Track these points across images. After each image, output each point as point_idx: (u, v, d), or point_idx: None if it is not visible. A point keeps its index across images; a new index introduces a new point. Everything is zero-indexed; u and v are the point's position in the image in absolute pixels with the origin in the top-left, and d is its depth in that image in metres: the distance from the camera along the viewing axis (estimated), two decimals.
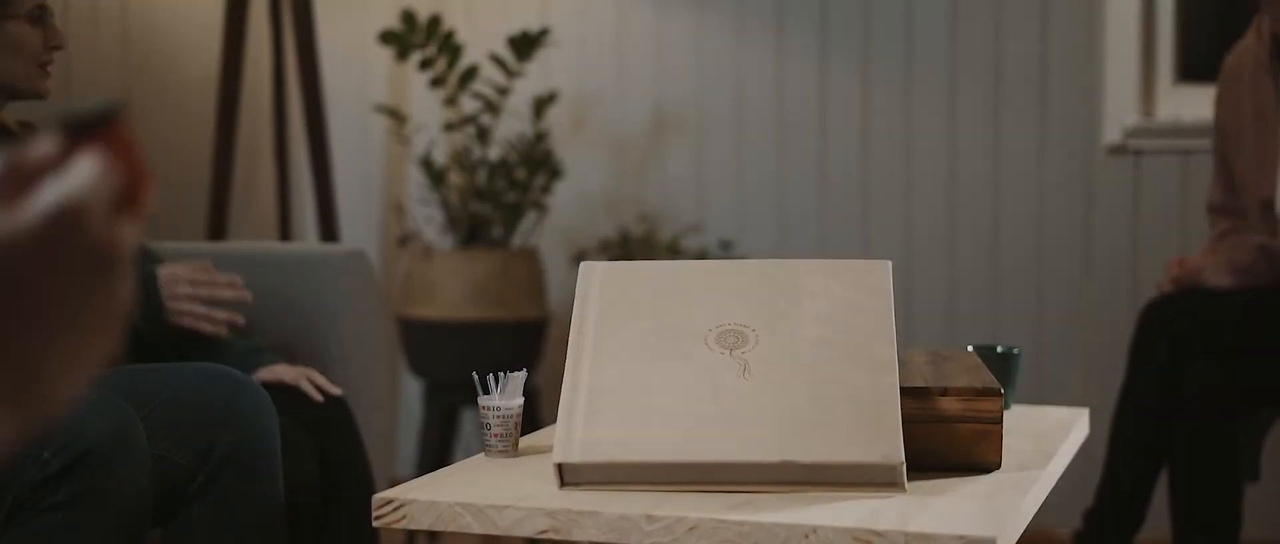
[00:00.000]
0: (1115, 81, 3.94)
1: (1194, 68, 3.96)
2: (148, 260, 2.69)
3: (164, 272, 2.57)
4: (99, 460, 1.89)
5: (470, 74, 4.12)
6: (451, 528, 1.74)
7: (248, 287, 2.93)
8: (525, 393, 2.04)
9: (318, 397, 2.58)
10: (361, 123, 4.65)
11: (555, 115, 4.37)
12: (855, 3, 4.17)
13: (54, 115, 1.13)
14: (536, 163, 4.15)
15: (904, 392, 1.88)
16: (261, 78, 4.22)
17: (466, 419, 4.45)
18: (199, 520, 2.10)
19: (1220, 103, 3.36)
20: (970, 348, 2.38)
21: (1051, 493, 2.05)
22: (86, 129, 0.95)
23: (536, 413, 4.11)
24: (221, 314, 2.58)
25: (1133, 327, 3.33)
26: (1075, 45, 3.97)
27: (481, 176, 4.17)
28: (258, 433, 2.13)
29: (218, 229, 3.85)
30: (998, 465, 1.92)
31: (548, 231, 4.42)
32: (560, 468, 1.78)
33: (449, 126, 4.22)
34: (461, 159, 4.19)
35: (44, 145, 0.90)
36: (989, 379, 1.97)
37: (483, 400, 2.00)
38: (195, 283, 2.57)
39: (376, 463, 2.84)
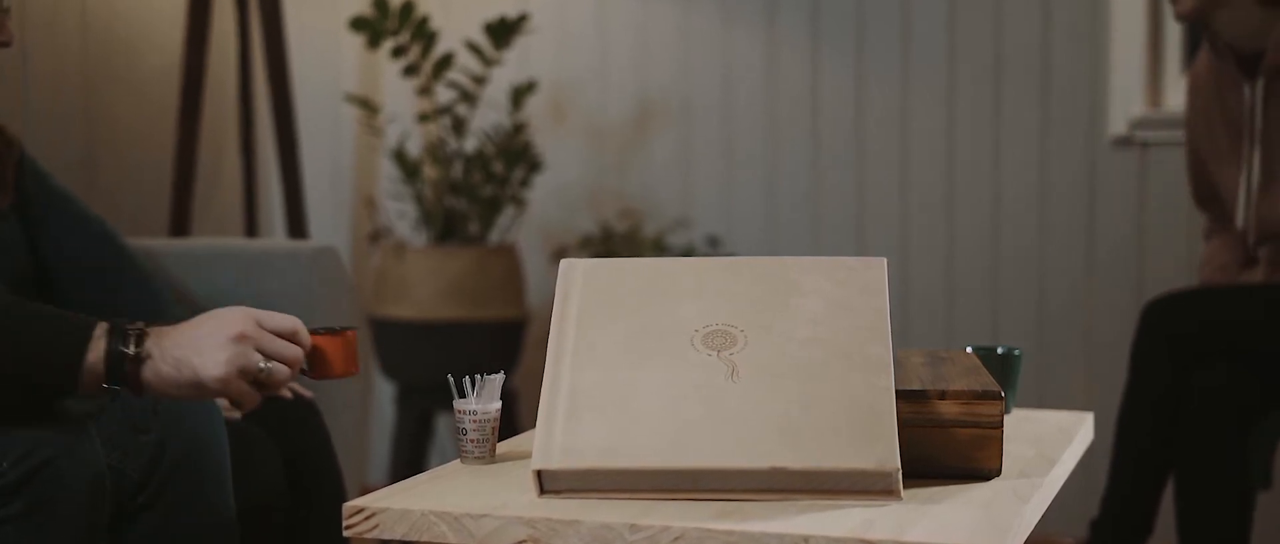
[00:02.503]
0: (1120, 70, 3.94)
1: None
2: (108, 282, 2.69)
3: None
4: (54, 473, 1.88)
5: (445, 62, 4.12)
6: (426, 538, 1.74)
7: (212, 285, 2.93)
8: (503, 396, 2.04)
9: (287, 393, 2.57)
10: (331, 113, 4.64)
11: (534, 105, 4.36)
12: None
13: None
14: (515, 155, 4.14)
15: (900, 395, 1.88)
16: (226, 66, 4.21)
17: (441, 424, 4.44)
18: (147, 533, 2.10)
19: (1190, 116, 3.42)
20: (969, 349, 2.38)
21: (1054, 501, 2.05)
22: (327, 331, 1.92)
23: (515, 417, 4.11)
24: None
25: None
26: (1079, 32, 3.98)
27: (457, 170, 4.17)
28: (206, 441, 2.12)
29: (181, 225, 3.84)
30: (998, 472, 1.92)
31: (526, 227, 4.41)
32: (539, 475, 1.78)
33: (423, 117, 4.22)
34: (436, 151, 4.19)
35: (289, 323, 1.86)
36: (989, 382, 1.97)
37: (458, 404, 1.99)
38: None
39: (347, 469, 2.83)
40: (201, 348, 1.83)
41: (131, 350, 1.83)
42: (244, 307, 1.87)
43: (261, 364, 1.83)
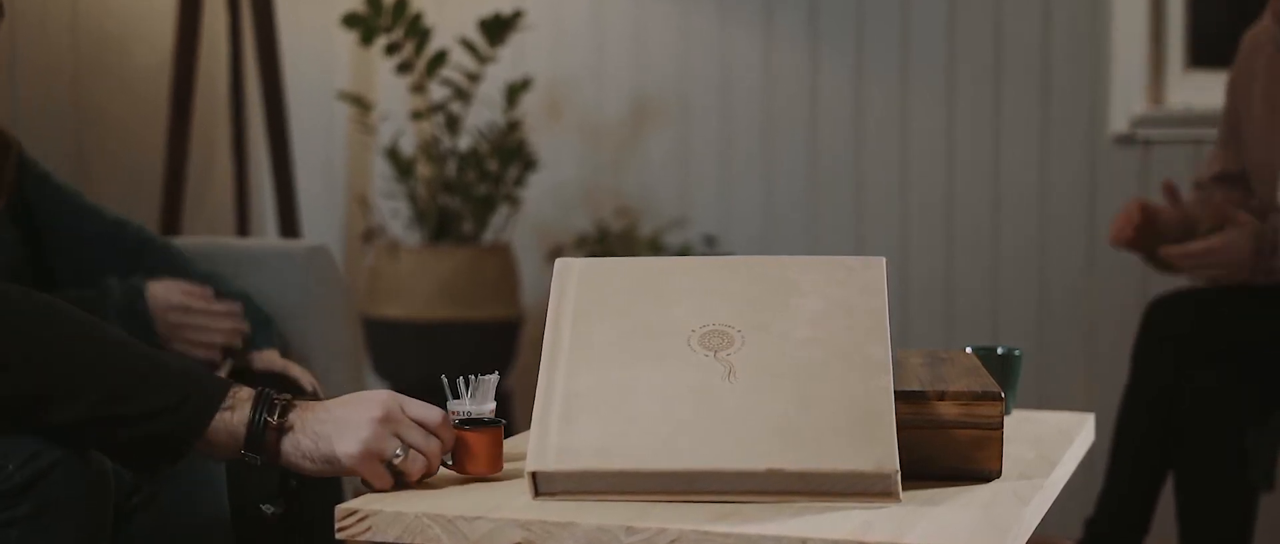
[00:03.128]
0: (1122, 66, 3.94)
1: (1206, 52, 3.97)
2: (142, 265, 2.69)
3: (155, 292, 2.58)
4: (62, 474, 1.88)
5: (439, 59, 4.11)
6: (419, 540, 1.74)
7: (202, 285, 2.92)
8: (497, 397, 2.03)
9: (308, 383, 2.59)
10: (324, 111, 4.63)
11: (529, 103, 4.36)
12: None
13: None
14: (509, 153, 4.14)
15: (899, 396, 1.88)
16: (218, 63, 4.21)
17: None
18: (141, 534, 2.10)
19: (1233, 83, 3.35)
20: (969, 349, 2.38)
21: (1055, 503, 2.05)
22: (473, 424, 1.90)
23: (510, 418, 4.11)
24: (217, 340, 2.61)
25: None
26: (1080, 28, 3.98)
27: (451, 168, 4.17)
28: None
29: (171, 223, 3.84)
30: (998, 474, 1.92)
31: (521, 226, 4.41)
32: (534, 477, 1.78)
33: (417, 115, 4.21)
34: (430, 149, 4.19)
35: (434, 415, 1.85)
36: (989, 382, 1.97)
37: (452, 405, 1.99)
38: (188, 311, 2.59)
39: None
40: (342, 426, 1.84)
41: (276, 420, 1.84)
42: (390, 391, 1.88)
43: (397, 451, 1.83)
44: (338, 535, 1.78)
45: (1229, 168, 3.36)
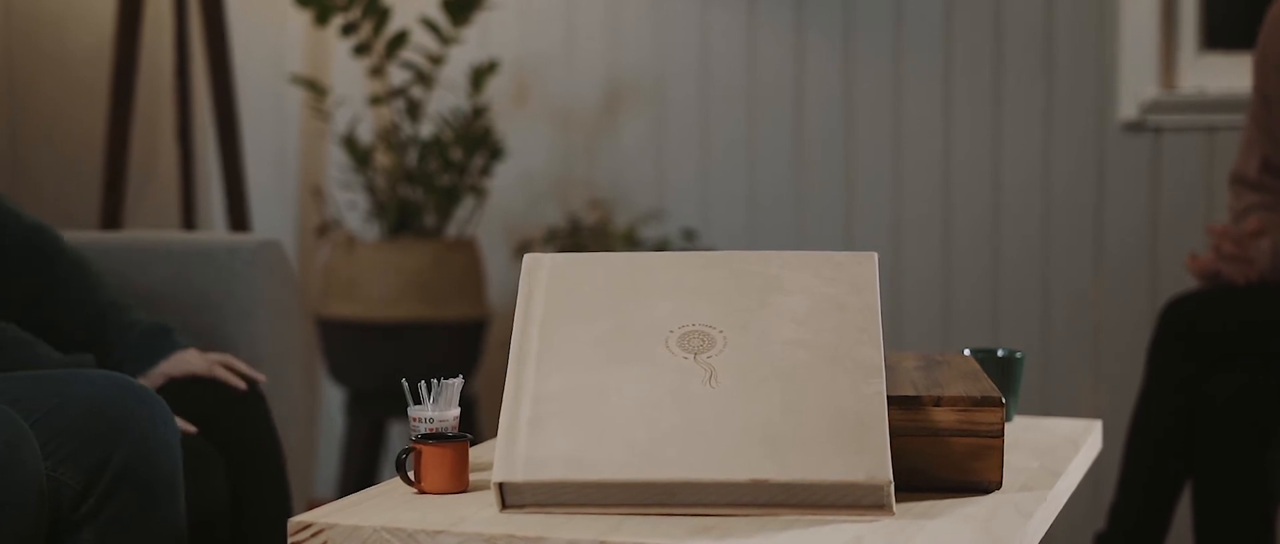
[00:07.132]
0: (1131, 48, 3.95)
1: (1220, 33, 3.98)
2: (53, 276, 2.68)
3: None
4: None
5: (399, 40, 4.11)
6: None
7: (147, 281, 2.92)
8: (462, 403, 2.03)
9: (240, 384, 2.58)
10: (275, 96, 4.63)
11: (495, 87, 4.36)
12: None
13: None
14: (474, 141, 4.14)
15: (892, 401, 1.88)
16: (162, 44, 4.20)
17: (395, 432, 4.44)
18: None
19: (1261, 62, 3.33)
20: (967, 351, 2.38)
21: (1059, 516, 2.05)
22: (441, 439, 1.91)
23: (475, 425, 4.10)
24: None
25: (1150, 327, 3.33)
26: (1086, 8, 3.98)
27: (412, 157, 4.16)
28: (155, 448, 2.12)
29: (113, 216, 3.83)
30: (998, 485, 1.93)
31: (487, 219, 4.41)
32: (501, 488, 1.78)
33: (375, 100, 4.21)
34: (389, 137, 4.18)
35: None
36: (988, 387, 1.98)
37: (413, 411, 1.99)
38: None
39: (292, 481, 2.82)
40: None
41: None
42: None
43: None
44: None
45: (1270, 156, 3.32)
